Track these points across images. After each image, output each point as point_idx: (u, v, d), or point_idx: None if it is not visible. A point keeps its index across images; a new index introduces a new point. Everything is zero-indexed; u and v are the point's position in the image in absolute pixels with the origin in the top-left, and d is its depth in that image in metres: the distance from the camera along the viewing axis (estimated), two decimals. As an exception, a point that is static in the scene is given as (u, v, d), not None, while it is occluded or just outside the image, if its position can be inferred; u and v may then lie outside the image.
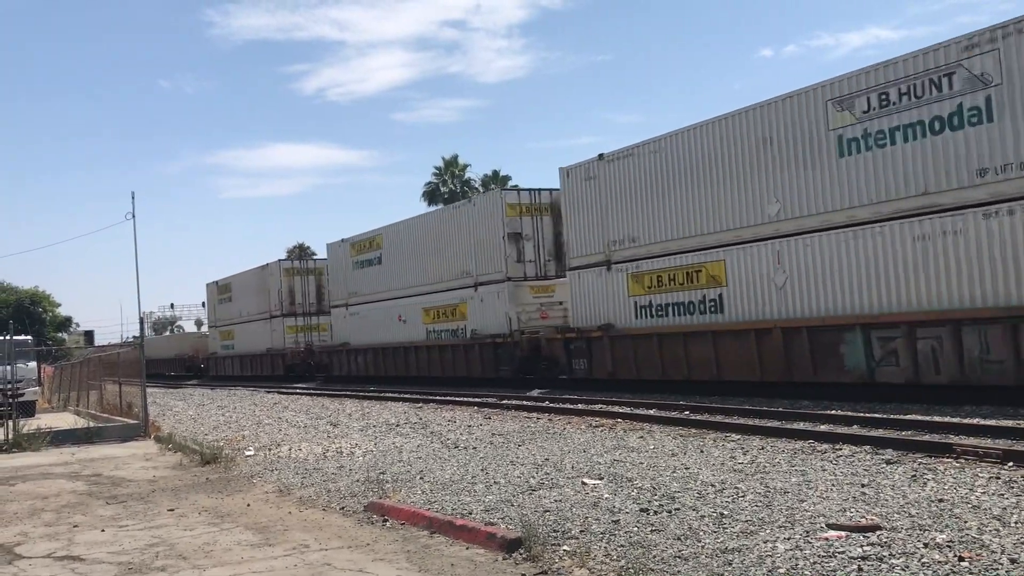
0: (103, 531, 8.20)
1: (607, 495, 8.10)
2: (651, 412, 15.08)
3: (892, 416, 11.94)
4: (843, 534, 6.12)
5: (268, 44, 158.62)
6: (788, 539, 6.12)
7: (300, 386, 32.82)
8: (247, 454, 13.31)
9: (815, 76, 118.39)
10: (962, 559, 5.36)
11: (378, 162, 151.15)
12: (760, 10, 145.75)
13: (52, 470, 12.84)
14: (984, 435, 10.10)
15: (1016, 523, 6.20)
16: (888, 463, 8.89)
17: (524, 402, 18.49)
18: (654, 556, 5.96)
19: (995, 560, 5.33)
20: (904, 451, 9.44)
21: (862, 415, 12.25)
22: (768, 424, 12.38)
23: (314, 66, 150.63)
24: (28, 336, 30.71)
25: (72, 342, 72.00)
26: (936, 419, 11.36)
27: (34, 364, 25.72)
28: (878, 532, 6.12)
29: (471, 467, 10.36)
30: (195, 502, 9.52)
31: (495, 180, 61.07)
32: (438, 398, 21.59)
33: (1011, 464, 8.36)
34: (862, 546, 5.78)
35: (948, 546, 5.67)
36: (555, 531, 6.81)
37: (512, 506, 7.89)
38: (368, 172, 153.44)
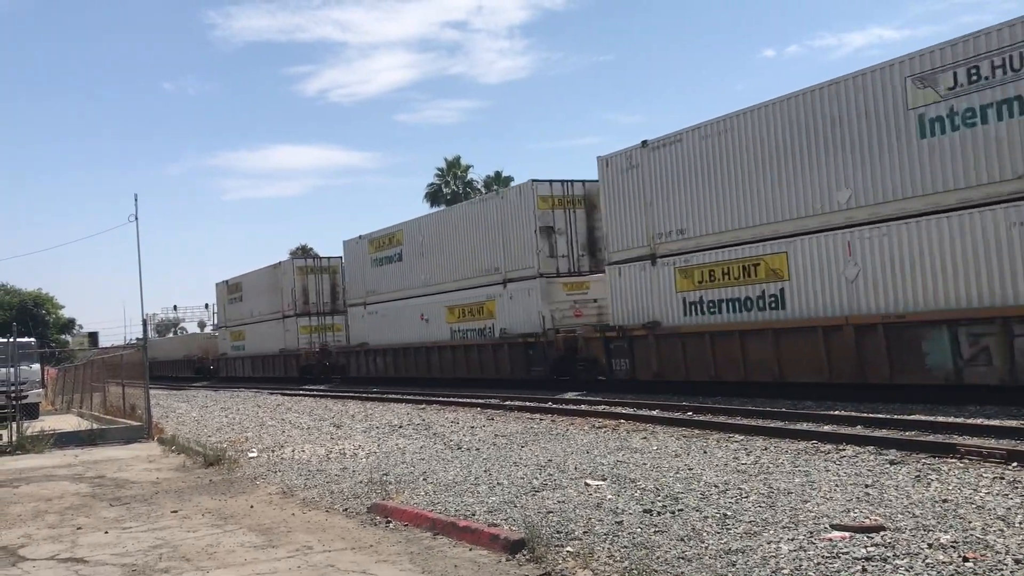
0: (107, 533, 8.22)
1: (610, 496, 8.10)
2: (654, 413, 15.07)
3: (896, 416, 11.93)
4: (847, 535, 6.11)
5: (270, 45, 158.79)
6: (792, 540, 6.11)
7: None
8: (250, 456, 13.32)
9: (818, 76, 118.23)
10: (967, 560, 5.35)
11: (380, 163, 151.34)
12: (762, 10, 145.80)
13: (56, 472, 12.86)
14: (988, 435, 10.09)
15: (1021, 523, 6.19)
16: (892, 463, 8.88)
17: (527, 403, 18.33)
18: (657, 557, 5.95)
19: (1000, 561, 5.31)
20: (908, 451, 9.43)
21: (865, 415, 12.24)
22: (771, 424, 12.38)
23: (316, 67, 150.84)
24: (31, 338, 30.73)
25: (76, 344, 72.11)
26: (940, 419, 11.34)
27: (37, 366, 25.80)
28: (882, 533, 6.11)
29: (474, 468, 10.36)
30: (199, 504, 9.53)
31: (497, 181, 61.10)
32: (441, 399, 21.55)
33: (1015, 464, 8.34)
34: (866, 547, 5.77)
35: (952, 547, 5.66)
36: (558, 532, 6.81)
37: (515, 507, 7.89)
38: (371, 173, 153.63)
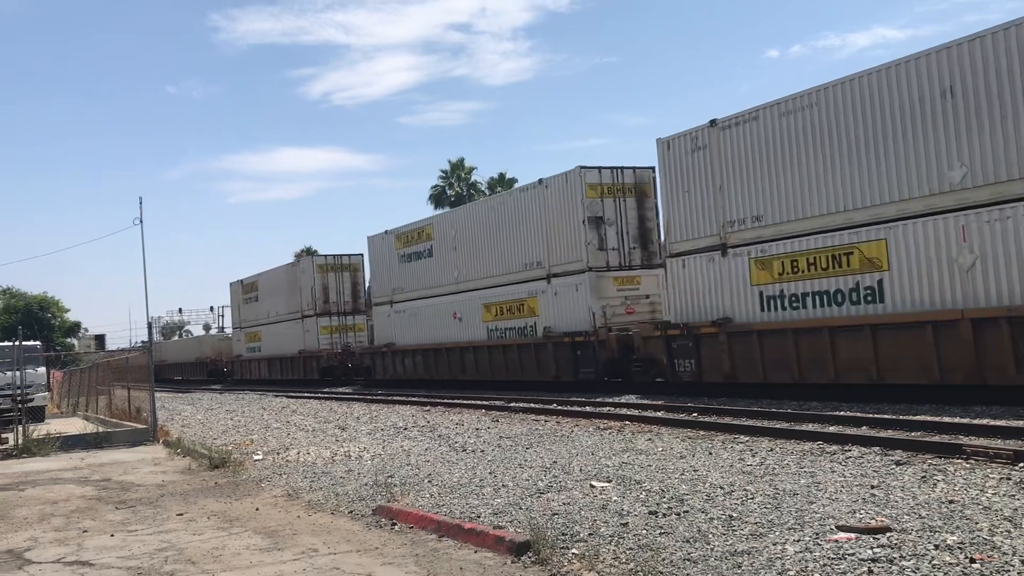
0: (112, 536, 8.23)
1: (615, 498, 8.09)
2: (659, 414, 15.06)
3: (901, 417, 11.90)
4: (853, 536, 6.09)
5: (274, 48, 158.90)
6: (798, 541, 6.09)
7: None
8: (255, 458, 13.33)
9: (822, 76, 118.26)
10: (973, 561, 5.32)
11: (384, 165, 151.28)
12: (765, 11, 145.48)
13: (61, 475, 12.89)
14: (995, 436, 10.06)
15: (1028, 524, 6.16)
16: (898, 464, 8.86)
17: (532, 404, 18.31)
18: (663, 559, 5.94)
19: (1007, 562, 5.29)
20: (914, 452, 9.41)
21: (871, 416, 12.21)
22: (777, 425, 12.36)
23: (320, 70, 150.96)
24: (37, 342, 30.83)
25: (83, 346, 72.30)
26: (946, 420, 11.31)
27: (43, 369, 25.88)
28: (888, 534, 6.09)
29: (479, 470, 10.35)
30: (204, 506, 9.54)
31: (501, 183, 61.12)
32: (446, 401, 21.54)
33: (1022, 465, 8.32)
34: (872, 548, 5.75)
35: (959, 548, 5.63)
36: (564, 534, 6.80)
37: (520, 509, 7.88)
38: (375, 176, 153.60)
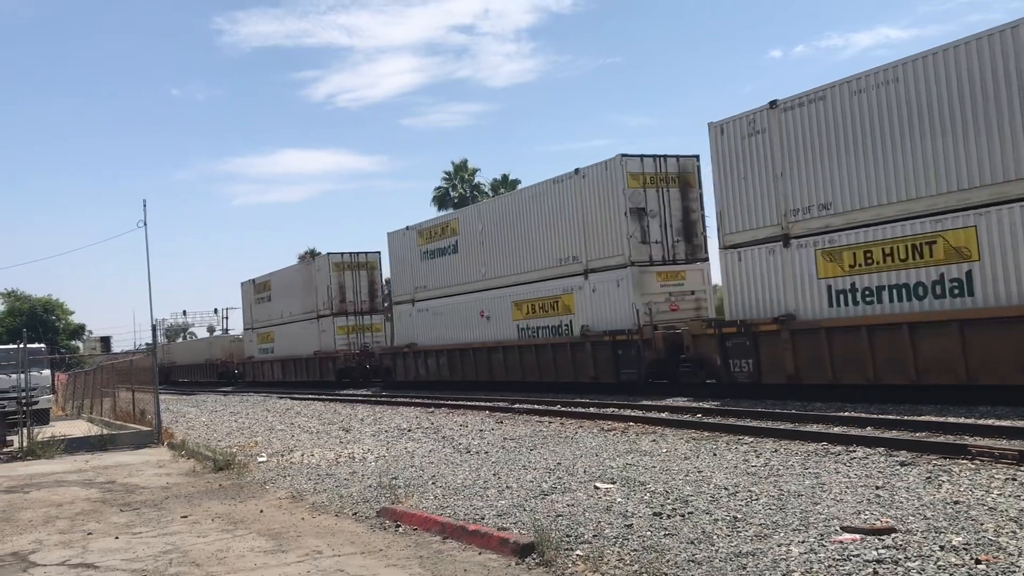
0: (117, 538, 8.24)
1: (620, 499, 8.08)
2: (663, 415, 15.04)
3: (906, 417, 11.88)
4: (858, 537, 6.08)
5: (277, 51, 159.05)
6: (802, 542, 6.08)
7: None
8: (260, 460, 13.34)
9: (826, 77, 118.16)
10: (979, 562, 5.31)
11: (388, 167, 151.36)
12: (768, 12, 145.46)
13: (66, 477, 12.90)
14: (1000, 436, 10.04)
15: (1033, 525, 6.14)
16: (902, 465, 8.84)
17: (535, 406, 18.28)
18: (667, 560, 5.93)
19: (1012, 563, 5.27)
20: (918, 452, 9.39)
21: (875, 416, 12.19)
22: (781, 426, 12.34)
23: (323, 72, 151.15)
24: (41, 344, 30.87)
25: (88, 348, 72.45)
26: (951, 420, 11.29)
27: (48, 372, 25.92)
28: (893, 534, 6.08)
29: (483, 472, 10.35)
30: (208, 509, 9.55)
31: (505, 184, 61.21)
32: (451, 402, 21.54)
33: (1027, 465, 8.29)
34: (877, 549, 5.74)
35: (964, 548, 5.62)
36: (568, 536, 6.79)
37: (524, 511, 7.87)
38: (378, 177, 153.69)
